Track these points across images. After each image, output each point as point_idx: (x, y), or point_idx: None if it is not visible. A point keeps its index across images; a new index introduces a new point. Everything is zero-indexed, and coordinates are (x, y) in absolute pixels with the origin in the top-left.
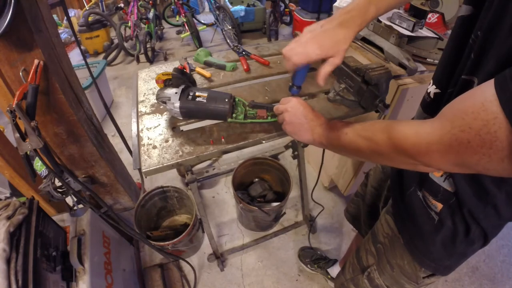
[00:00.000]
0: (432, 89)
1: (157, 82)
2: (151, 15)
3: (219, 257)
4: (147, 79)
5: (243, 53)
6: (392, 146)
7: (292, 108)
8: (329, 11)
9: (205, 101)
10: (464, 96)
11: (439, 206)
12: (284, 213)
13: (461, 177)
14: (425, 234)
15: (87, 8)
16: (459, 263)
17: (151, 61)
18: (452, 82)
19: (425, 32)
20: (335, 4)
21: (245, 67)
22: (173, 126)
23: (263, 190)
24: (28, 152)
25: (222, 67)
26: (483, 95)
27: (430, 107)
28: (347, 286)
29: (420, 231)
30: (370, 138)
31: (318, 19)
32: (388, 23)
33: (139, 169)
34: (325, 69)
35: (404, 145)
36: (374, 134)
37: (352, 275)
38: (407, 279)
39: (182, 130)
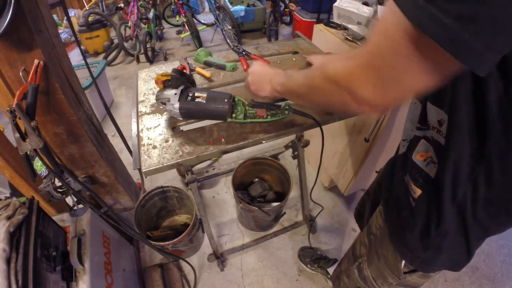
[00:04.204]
0: None
1: (156, 83)
2: (151, 15)
3: (219, 257)
4: (147, 79)
5: (243, 53)
6: (323, 76)
7: (253, 70)
8: (329, 11)
9: (204, 101)
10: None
11: (418, 192)
12: (284, 213)
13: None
14: (403, 221)
15: (87, 8)
16: (438, 261)
17: (151, 61)
18: None
19: None
20: (335, 4)
21: (245, 67)
22: (173, 126)
23: (263, 190)
24: (28, 152)
25: (222, 67)
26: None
27: None
28: (341, 278)
29: (399, 217)
30: (310, 75)
31: (318, 19)
32: None
33: (139, 169)
34: None
35: (334, 78)
36: (312, 71)
37: (346, 266)
38: (390, 272)
39: (182, 130)
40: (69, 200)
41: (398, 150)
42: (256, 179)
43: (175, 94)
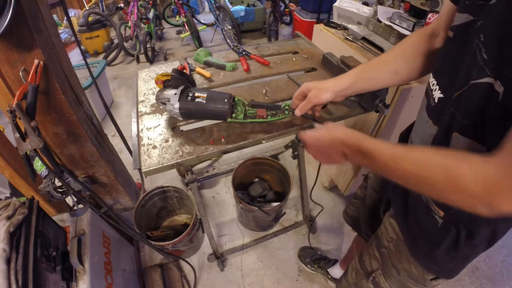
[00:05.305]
0: (437, 94)
1: (156, 83)
2: (151, 15)
3: (219, 257)
4: (147, 79)
5: (243, 53)
6: (454, 188)
7: (312, 140)
8: (329, 11)
9: (204, 101)
10: None
11: (441, 212)
12: (284, 213)
13: None
14: (429, 237)
15: (87, 8)
16: (463, 266)
17: (151, 61)
18: (456, 86)
19: None
20: (335, 4)
21: (245, 67)
22: (173, 126)
23: (263, 190)
24: (28, 152)
25: (222, 67)
26: None
27: (434, 112)
28: None
29: (424, 234)
30: (423, 176)
31: (318, 19)
32: (388, 23)
33: (139, 169)
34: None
35: (469, 188)
36: (431, 173)
37: (355, 280)
38: (415, 282)
39: (182, 130)
40: (69, 200)
41: None
42: (256, 179)
43: (175, 94)
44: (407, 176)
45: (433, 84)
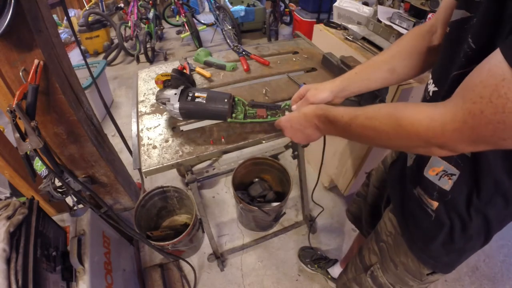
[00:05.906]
0: (431, 87)
1: (156, 83)
2: (151, 15)
3: (219, 257)
4: (147, 79)
5: (243, 53)
6: (405, 134)
7: (286, 122)
8: (329, 11)
9: (204, 101)
10: (472, 72)
11: (435, 204)
12: (284, 213)
13: (466, 175)
14: (424, 231)
15: (87, 8)
16: (459, 261)
17: (151, 61)
18: (448, 79)
19: None
20: (335, 4)
21: (245, 67)
22: (173, 126)
23: (263, 190)
24: (28, 152)
25: (222, 67)
26: (489, 63)
27: None
28: (350, 286)
29: (419, 228)
30: (377, 128)
31: (318, 19)
32: (388, 23)
33: (139, 169)
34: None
35: (418, 130)
36: (382, 123)
37: (354, 274)
38: (412, 277)
39: (182, 130)
40: (69, 200)
41: (406, 161)
42: (256, 179)
43: (175, 94)
44: (366, 132)
45: (430, 78)
